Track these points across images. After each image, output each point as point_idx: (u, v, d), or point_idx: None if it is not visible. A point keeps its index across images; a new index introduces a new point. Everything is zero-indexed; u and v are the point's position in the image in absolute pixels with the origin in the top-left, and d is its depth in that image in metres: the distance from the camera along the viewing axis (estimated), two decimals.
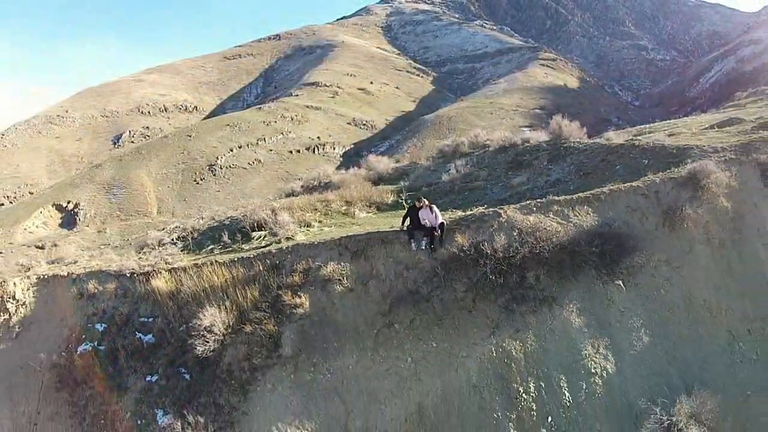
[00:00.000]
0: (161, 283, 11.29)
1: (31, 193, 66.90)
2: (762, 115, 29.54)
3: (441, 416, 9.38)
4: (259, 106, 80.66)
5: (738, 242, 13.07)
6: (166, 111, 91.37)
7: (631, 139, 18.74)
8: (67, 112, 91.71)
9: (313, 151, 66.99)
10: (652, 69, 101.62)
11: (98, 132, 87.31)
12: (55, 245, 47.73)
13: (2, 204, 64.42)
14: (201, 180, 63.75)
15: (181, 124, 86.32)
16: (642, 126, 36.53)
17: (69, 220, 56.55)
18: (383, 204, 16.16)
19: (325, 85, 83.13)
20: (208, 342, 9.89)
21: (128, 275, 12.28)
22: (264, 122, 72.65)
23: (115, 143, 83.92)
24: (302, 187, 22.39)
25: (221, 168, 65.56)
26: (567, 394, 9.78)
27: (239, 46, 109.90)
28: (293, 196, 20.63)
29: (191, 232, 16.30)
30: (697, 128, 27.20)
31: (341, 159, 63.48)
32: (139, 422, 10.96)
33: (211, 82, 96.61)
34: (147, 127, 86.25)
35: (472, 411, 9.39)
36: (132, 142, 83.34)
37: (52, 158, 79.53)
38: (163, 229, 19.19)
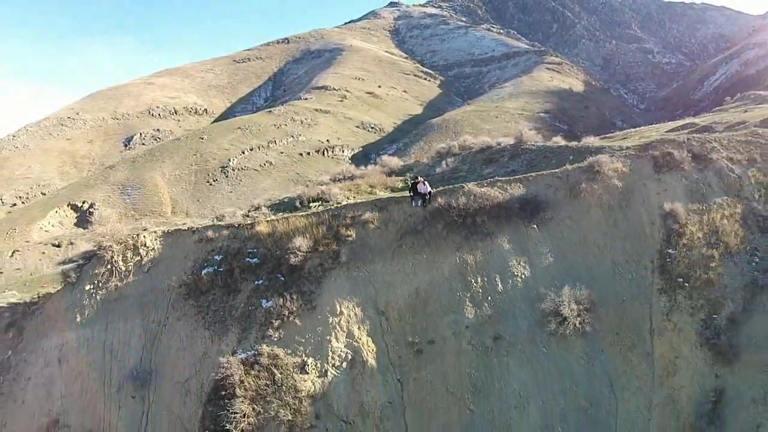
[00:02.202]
0: (262, 228, 20.69)
1: (43, 194, 73.71)
2: (715, 120, 39.06)
3: (428, 294, 18.71)
4: (269, 109, 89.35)
5: (625, 208, 22.17)
6: (176, 114, 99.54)
7: (580, 143, 28.04)
8: (77, 114, 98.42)
9: (323, 154, 74.99)
10: (657, 72, 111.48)
11: (109, 134, 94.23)
12: (72, 243, 56.11)
13: (15, 204, 72.13)
14: (214, 181, 70.45)
15: (191, 127, 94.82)
16: (628, 130, 46.09)
17: (84, 219, 64.82)
18: (395, 187, 25.61)
19: (334, 89, 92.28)
20: (297, 256, 19.25)
21: (237, 225, 21.69)
22: (274, 125, 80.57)
23: (126, 145, 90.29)
24: (330, 179, 31.84)
25: (233, 170, 71.46)
26: (500, 285, 19.02)
27: (248, 49, 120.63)
28: (324, 185, 30.10)
29: (258, 207, 25.75)
30: (655, 132, 36.89)
31: (350, 161, 70.82)
32: (249, 308, 20.22)
33: (221, 85, 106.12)
34: (157, 130, 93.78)
35: (445, 291, 18.71)
36: (143, 144, 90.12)
37: (64, 160, 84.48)
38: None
